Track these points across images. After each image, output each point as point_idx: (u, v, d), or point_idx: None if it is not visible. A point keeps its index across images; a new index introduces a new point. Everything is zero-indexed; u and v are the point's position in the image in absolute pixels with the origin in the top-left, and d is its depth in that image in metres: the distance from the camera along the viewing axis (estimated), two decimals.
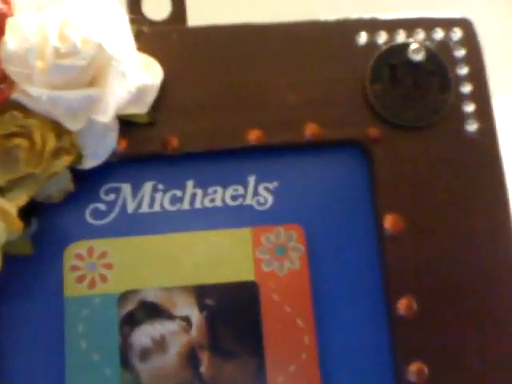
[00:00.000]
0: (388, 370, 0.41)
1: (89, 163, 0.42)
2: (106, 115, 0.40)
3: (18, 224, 0.39)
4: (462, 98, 0.44)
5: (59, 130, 0.40)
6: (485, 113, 0.44)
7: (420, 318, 0.41)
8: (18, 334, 0.42)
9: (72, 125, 0.40)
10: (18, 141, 0.39)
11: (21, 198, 0.40)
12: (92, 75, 0.40)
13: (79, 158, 0.41)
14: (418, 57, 0.43)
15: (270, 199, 0.44)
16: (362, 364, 0.42)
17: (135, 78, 0.41)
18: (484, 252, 0.42)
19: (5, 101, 0.38)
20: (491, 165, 0.43)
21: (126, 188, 0.44)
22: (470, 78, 0.44)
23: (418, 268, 0.41)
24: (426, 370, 0.40)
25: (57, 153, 0.40)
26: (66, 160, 0.40)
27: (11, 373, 0.42)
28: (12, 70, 0.38)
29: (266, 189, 0.44)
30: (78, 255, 0.43)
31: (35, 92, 0.38)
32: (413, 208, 0.42)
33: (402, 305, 0.41)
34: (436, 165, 0.43)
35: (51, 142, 0.39)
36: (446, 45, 0.45)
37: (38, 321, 0.43)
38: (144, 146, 0.43)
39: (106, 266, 0.43)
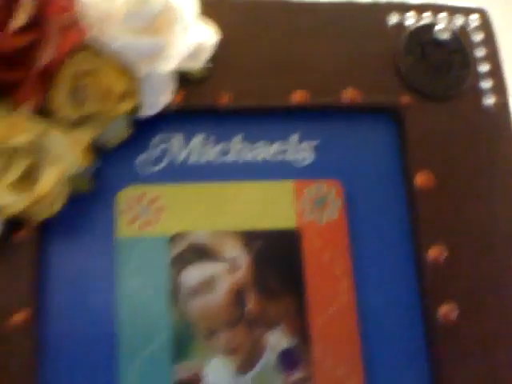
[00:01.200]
0: (418, 312, 0.45)
1: (146, 111, 0.45)
2: (169, 65, 0.43)
3: (87, 157, 0.41)
4: (481, 76, 0.49)
5: (126, 74, 0.42)
6: (500, 89, 0.49)
7: (450, 264, 0.45)
8: (70, 272, 0.44)
9: (138, 70, 0.42)
10: (90, 79, 0.41)
11: (87, 137, 0.42)
12: (159, 26, 0.43)
13: (139, 105, 0.44)
14: (444, 36, 0.49)
15: (311, 156, 0.48)
16: (395, 307, 0.45)
17: (195, 34, 0.45)
18: (500, 205, 0.47)
19: (81, 41, 0.41)
20: (504, 132, 0.49)
21: (177, 139, 0.47)
22: (486, 58, 0.50)
23: (448, 218, 0.46)
24: (454, 311, 0.44)
25: (122, 96, 0.42)
26: (128, 104, 0.43)
27: (64, 306, 0.43)
28: (88, 13, 0.41)
29: (308, 146, 0.48)
30: (130, 199, 0.45)
31: (110, 35, 0.41)
32: (439, 166, 0.47)
33: (433, 252, 0.45)
34: (458, 130, 0.48)
35: (120, 84, 0.42)
36: (465, 29, 0.51)
37: (89, 260, 0.44)
38: (197, 100, 0.46)
39: (157, 209, 0.45)
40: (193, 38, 0.45)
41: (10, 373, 0.40)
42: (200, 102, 0.46)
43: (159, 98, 0.45)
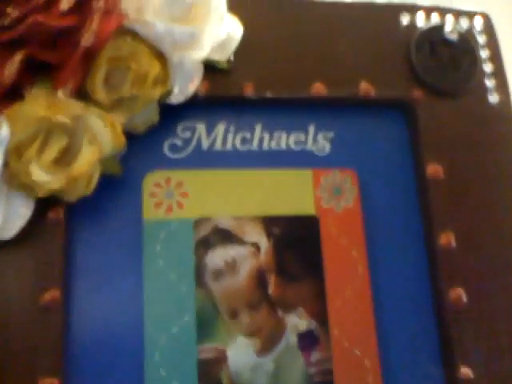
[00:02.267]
0: (429, 296, 0.48)
1: (176, 98, 0.46)
2: (201, 53, 0.45)
3: (122, 139, 0.42)
4: (485, 75, 0.53)
5: (160, 60, 0.44)
6: (503, 88, 0.53)
7: (459, 250, 0.47)
8: (97, 253, 0.45)
9: (172, 57, 0.44)
10: (127, 64, 0.42)
11: (121, 120, 0.43)
12: (194, 15, 0.44)
13: (170, 91, 0.45)
14: (453, 36, 0.52)
15: (328, 146, 0.50)
16: (407, 290, 0.48)
17: (224, 26, 0.46)
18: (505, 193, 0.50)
19: (120, 26, 0.42)
20: (507, 127, 0.52)
21: (201, 127, 0.49)
22: (490, 59, 0.53)
23: (457, 206, 0.48)
24: (463, 295, 0.47)
25: (156, 81, 0.44)
26: (162, 89, 0.44)
27: (92, 286, 0.44)
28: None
29: (324, 137, 0.50)
30: (156, 184, 0.47)
31: (147, 21, 0.42)
32: (449, 158, 0.49)
33: (443, 239, 0.47)
34: (466, 124, 0.51)
35: (155, 69, 0.43)
36: (471, 32, 0.54)
37: (117, 242, 0.45)
38: (221, 90, 0.48)
39: (182, 194, 0.47)
40: (223, 29, 0.46)
41: (38, 349, 0.41)
42: (223, 93, 0.48)
43: (188, 85, 0.46)
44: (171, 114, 0.47)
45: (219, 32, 0.46)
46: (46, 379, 0.40)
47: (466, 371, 0.45)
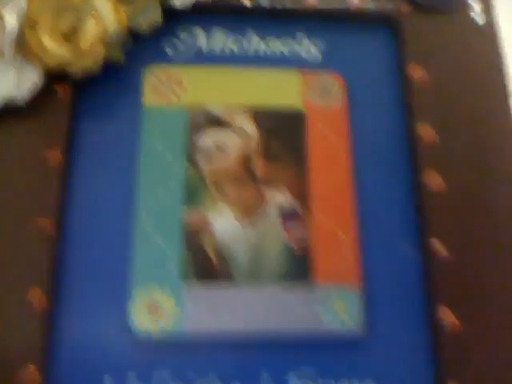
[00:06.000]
0: (408, 183, 0.50)
1: (178, 2, 0.52)
2: None
3: (124, 20, 0.48)
4: None
5: None
6: (489, 10, 0.56)
7: (439, 141, 0.50)
8: (99, 129, 0.50)
9: None
10: None
11: (125, 8, 0.49)
12: None
13: None
14: None
15: (318, 54, 0.54)
16: (388, 181, 0.50)
17: None
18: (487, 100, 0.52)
19: None
20: (490, 45, 0.54)
21: (200, 31, 0.54)
22: None
23: (438, 105, 0.51)
24: (441, 183, 0.48)
25: None
26: None
27: (92, 154, 0.49)
28: None
29: (315, 46, 0.54)
30: (156, 75, 0.52)
31: None
32: (432, 64, 0.52)
33: (422, 131, 0.50)
34: (451, 38, 0.54)
35: None
36: None
37: (117, 123, 0.50)
38: None
39: (180, 86, 0.51)
40: None
41: (36, 197, 0.46)
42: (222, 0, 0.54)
43: None
44: (174, 18, 0.53)
45: None
46: (40, 219, 0.45)
47: (438, 246, 0.46)
